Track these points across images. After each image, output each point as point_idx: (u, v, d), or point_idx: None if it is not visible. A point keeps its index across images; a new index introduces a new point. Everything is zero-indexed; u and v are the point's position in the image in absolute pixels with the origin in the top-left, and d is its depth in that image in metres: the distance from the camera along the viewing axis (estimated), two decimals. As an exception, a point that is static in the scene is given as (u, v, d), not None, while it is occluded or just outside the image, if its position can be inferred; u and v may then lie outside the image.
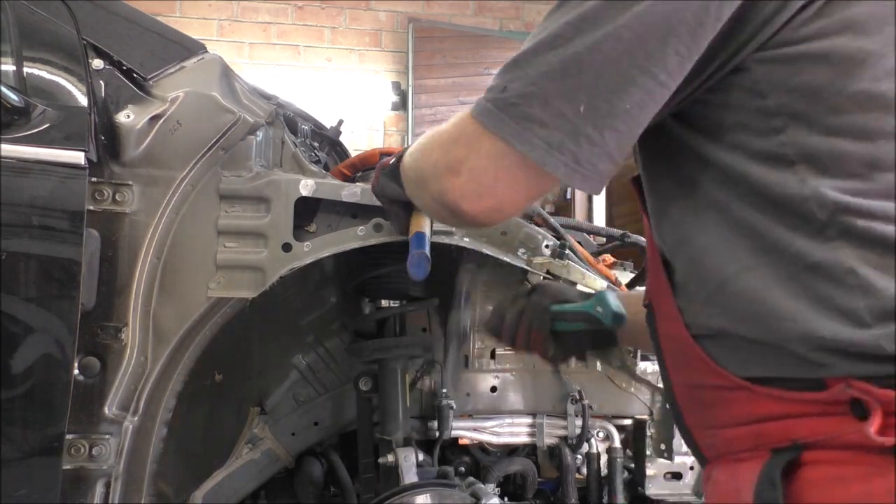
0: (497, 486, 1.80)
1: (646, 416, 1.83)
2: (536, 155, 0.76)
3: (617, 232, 1.90)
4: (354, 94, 5.85)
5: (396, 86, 5.92)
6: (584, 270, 1.56)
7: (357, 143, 5.50)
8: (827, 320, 0.68)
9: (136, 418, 1.37)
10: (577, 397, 1.82)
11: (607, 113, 0.75)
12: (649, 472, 1.81)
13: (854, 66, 0.70)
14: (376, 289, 1.72)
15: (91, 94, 1.33)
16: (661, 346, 0.90)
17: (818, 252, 0.70)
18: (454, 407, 1.83)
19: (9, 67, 1.31)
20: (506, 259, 1.51)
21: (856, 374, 0.65)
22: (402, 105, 5.93)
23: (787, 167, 0.72)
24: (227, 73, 1.45)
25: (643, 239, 1.89)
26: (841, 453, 0.67)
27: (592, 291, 1.50)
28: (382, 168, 1.19)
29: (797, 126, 0.72)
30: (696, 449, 0.88)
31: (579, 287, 1.51)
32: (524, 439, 1.88)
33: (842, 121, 0.70)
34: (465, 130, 0.84)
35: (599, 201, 9.00)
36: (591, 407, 1.83)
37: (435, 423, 1.83)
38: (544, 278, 1.47)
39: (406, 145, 5.88)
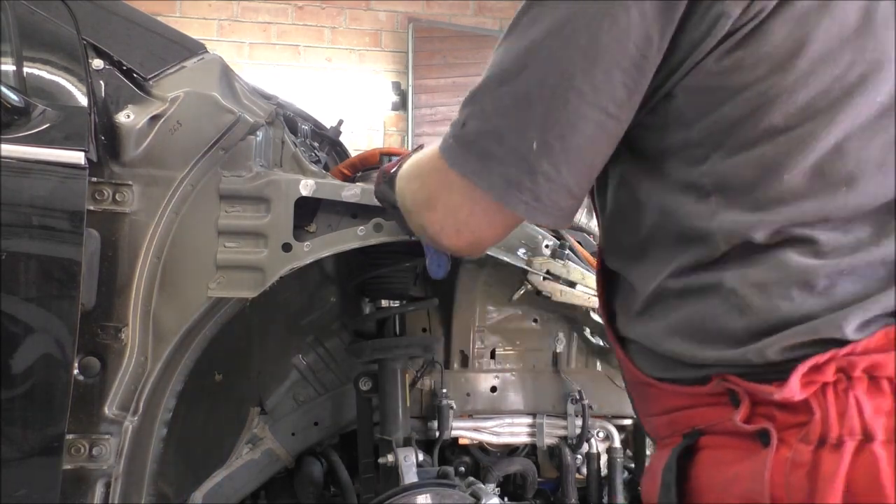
0: (497, 486, 1.80)
1: (646, 416, 1.83)
2: (496, 194, 0.78)
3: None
4: (354, 94, 5.85)
5: (396, 86, 5.92)
6: (584, 270, 1.56)
7: (357, 143, 5.51)
8: (707, 347, 0.75)
9: (136, 418, 1.37)
10: (577, 397, 1.82)
11: (561, 149, 0.75)
12: (649, 472, 1.80)
13: (766, 102, 0.71)
14: (376, 289, 1.72)
15: (91, 94, 1.33)
16: (613, 346, 0.97)
17: (712, 277, 0.75)
18: (454, 407, 1.83)
19: (9, 67, 1.31)
20: (506, 258, 1.51)
21: (732, 372, 0.74)
22: (402, 105, 5.94)
23: (704, 198, 0.76)
24: (227, 73, 1.45)
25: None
26: (723, 438, 0.76)
27: (594, 292, 1.51)
28: (384, 174, 1.20)
29: (715, 157, 0.75)
30: (648, 435, 0.98)
31: (579, 287, 1.51)
32: (524, 439, 1.88)
33: (752, 154, 0.73)
34: (435, 165, 0.86)
35: (599, 201, 9.02)
36: (591, 407, 1.83)
37: (435, 423, 1.83)
38: (544, 278, 1.47)
39: (406, 147, 5.89)
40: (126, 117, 1.35)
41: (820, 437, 0.67)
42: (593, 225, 1.67)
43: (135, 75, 1.38)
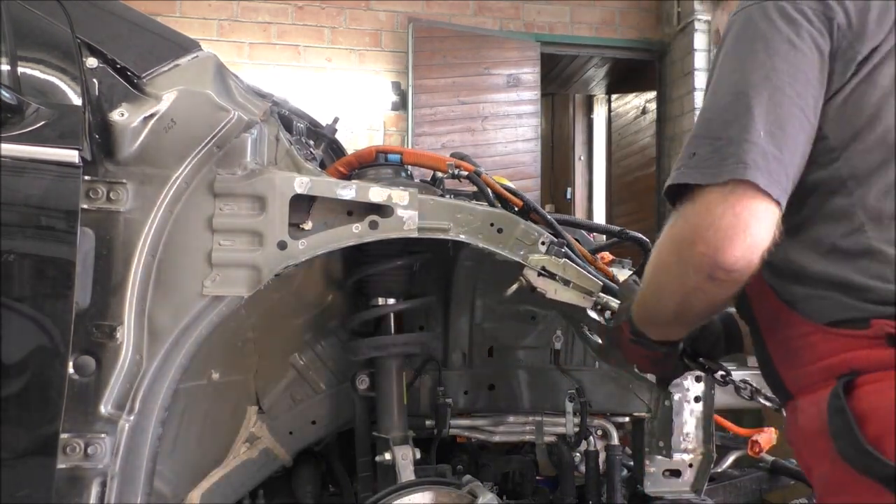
0: (495, 485, 1.79)
1: (644, 414, 1.83)
2: (747, 174, 0.96)
3: (615, 228, 1.90)
4: (354, 94, 5.85)
5: (396, 86, 5.92)
6: (581, 270, 1.55)
7: (357, 142, 5.50)
8: (869, 281, 0.98)
9: (131, 417, 1.36)
10: (576, 395, 1.81)
11: (782, 135, 0.99)
12: (648, 469, 1.80)
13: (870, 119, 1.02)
14: (373, 286, 1.72)
15: (85, 92, 1.33)
16: (756, 317, 1.16)
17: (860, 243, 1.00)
18: (452, 405, 1.83)
19: (3, 66, 1.30)
20: (503, 255, 1.50)
21: (889, 316, 0.94)
22: (402, 105, 5.93)
23: (841, 186, 1.02)
24: (221, 71, 1.45)
25: (641, 236, 1.89)
26: (880, 374, 0.94)
27: (589, 292, 1.50)
28: (619, 340, 1.34)
29: (844, 157, 1.02)
30: (782, 387, 1.13)
31: (573, 286, 1.50)
32: (522, 437, 1.87)
33: (870, 157, 1.02)
34: (676, 215, 1.05)
35: (600, 201, 9.00)
36: (589, 405, 1.82)
37: (433, 421, 1.83)
38: (539, 275, 1.46)
39: (407, 146, 5.88)
40: (120, 115, 1.35)
41: None
42: None
43: (129, 73, 1.38)
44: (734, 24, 1.09)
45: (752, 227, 0.97)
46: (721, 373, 1.34)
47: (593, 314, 1.57)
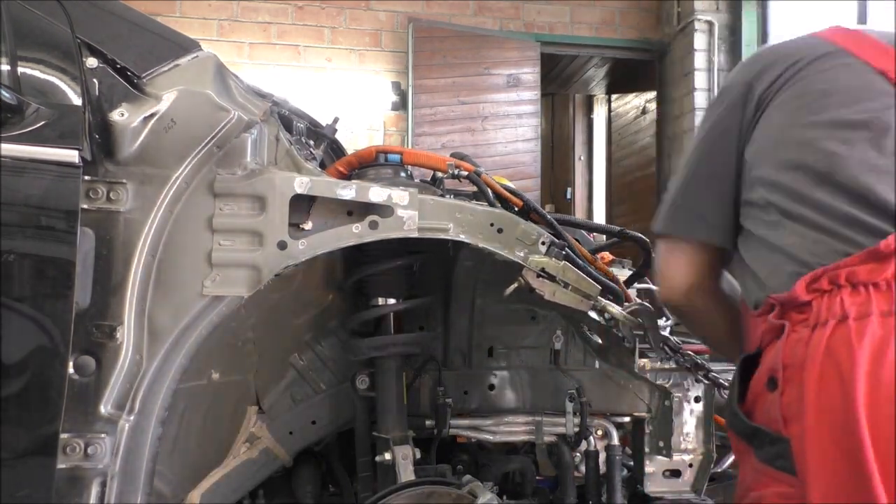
0: (495, 485, 1.79)
1: (644, 414, 1.82)
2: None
3: (615, 228, 1.90)
4: (354, 94, 5.86)
5: (396, 86, 5.93)
6: (580, 273, 1.55)
7: (357, 142, 5.51)
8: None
9: (131, 417, 1.36)
10: (576, 395, 1.81)
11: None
12: (648, 469, 1.80)
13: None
14: (373, 286, 1.72)
15: (85, 92, 1.32)
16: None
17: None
18: (452, 405, 1.82)
19: (3, 66, 1.30)
20: (503, 255, 1.50)
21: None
22: (402, 105, 5.94)
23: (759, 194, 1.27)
24: (221, 71, 1.44)
25: (641, 236, 1.89)
26: (770, 345, 1.10)
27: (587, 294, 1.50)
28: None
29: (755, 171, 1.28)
30: None
31: (572, 287, 1.51)
32: (522, 437, 1.87)
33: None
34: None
35: (600, 201, 9.00)
36: (589, 405, 1.82)
37: (433, 421, 1.82)
38: (538, 276, 1.46)
39: (407, 146, 5.89)
40: (120, 115, 1.34)
41: (814, 322, 1.03)
42: None
43: (129, 73, 1.38)
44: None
45: (667, 270, 1.35)
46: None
47: (593, 314, 1.57)
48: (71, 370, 1.30)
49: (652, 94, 6.94)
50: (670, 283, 1.34)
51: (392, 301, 1.72)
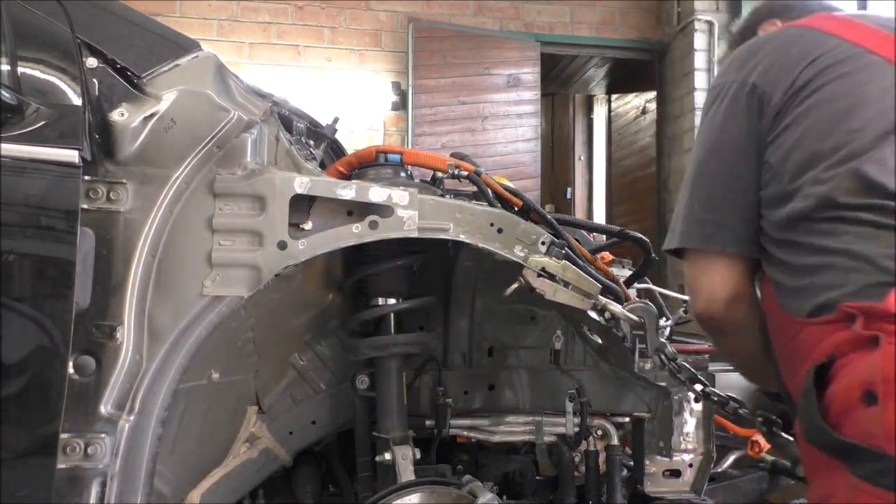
0: (495, 485, 1.79)
1: (644, 414, 1.82)
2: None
3: (615, 228, 1.90)
4: (354, 94, 5.85)
5: (396, 86, 5.93)
6: (580, 272, 1.55)
7: (358, 142, 5.51)
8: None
9: (131, 417, 1.36)
10: (576, 395, 1.81)
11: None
12: (648, 469, 1.80)
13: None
14: (373, 286, 1.72)
15: (85, 92, 1.32)
16: (771, 339, 1.28)
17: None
18: (452, 405, 1.82)
19: (3, 66, 1.30)
20: (503, 255, 1.50)
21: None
22: (402, 105, 5.94)
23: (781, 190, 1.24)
24: (221, 71, 1.44)
25: (641, 236, 1.89)
26: (852, 355, 1.02)
27: (587, 294, 1.50)
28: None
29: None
30: (793, 404, 1.19)
31: (573, 288, 1.50)
32: (522, 437, 1.87)
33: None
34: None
35: (600, 201, 9.00)
36: (589, 404, 1.82)
37: (433, 421, 1.82)
38: (539, 276, 1.46)
39: (407, 146, 5.89)
40: (120, 115, 1.34)
41: None
42: None
43: (129, 73, 1.38)
44: (707, 97, 1.36)
45: (703, 284, 1.28)
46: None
47: (593, 314, 1.57)
48: (71, 370, 1.30)
49: (652, 94, 6.94)
50: (709, 297, 1.28)
51: (392, 301, 1.72)
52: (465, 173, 1.68)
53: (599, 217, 8.69)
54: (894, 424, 0.92)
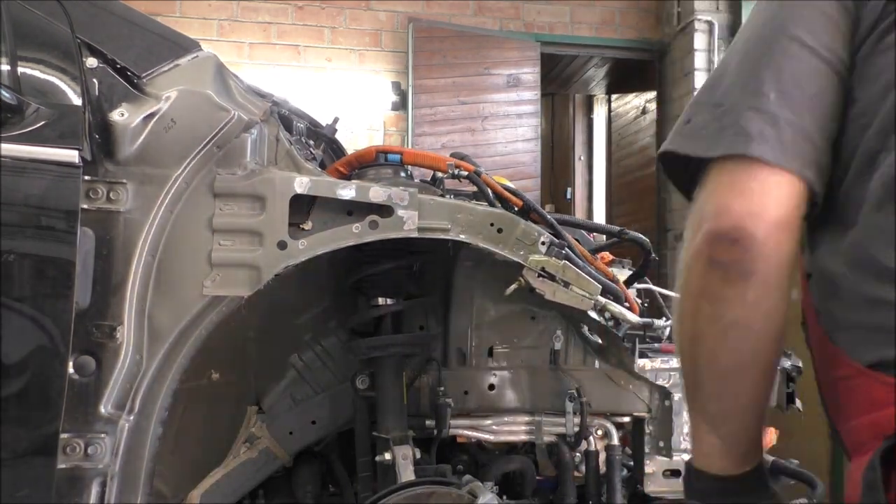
0: (495, 485, 1.79)
1: (644, 414, 1.82)
2: (747, 149, 0.80)
3: (615, 228, 1.90)
4: (354, 94, 5.85)
5: (396, 86, 5.92)
6: (580, 272, 1.55)
7: (357, 143, 5.50)
8: None
9: (131, 417, 1.37)
10: (576, 395, 1.81)
11: (800, 96, 0.82)
12: (648, 469, 1.80)
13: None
14: (373, 286, 1.72)
15: (85, 92, 1.33)
16: (810, 348, 0.92)
17: None
18: (452, 405, 1.82)
19: (3, 66, 1.30)
20: (503, 255, 1.50)
21: None
22: (402, 105, 5.93)
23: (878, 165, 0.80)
24: (221, 71, 1.45)
25: (641, 236, 1.89)
26: None
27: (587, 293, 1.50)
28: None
29: (876, 125, 0.81)
30: (840, 442, 0.88)
31: (573, 288, 1.50)
32: (522, 437, 1.87)
33: None
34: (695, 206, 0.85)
35: (600, 201, 9.00)
36: (589, 405, 1.82)
37: (433, 421, 1.82)
38: (539, 276, 1.46)
39: (407, 146, 5.87)
40: (120, 115, 1.35)
41: None
42: None
43: (129, 73, 1.38)
44: None
45: (750, 190, 0.80)
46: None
47: (593, 314, 1.57)
48: (71, 370, 1.30)
49: (652, 94, 6.93)
50: (753, 209, 0.79)
51: (392, 301, 1.72)
52: (465, 173, 1.68)
53: (599, 217, 8.68)
54: None
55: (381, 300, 1.72)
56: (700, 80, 5.90)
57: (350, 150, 2.17)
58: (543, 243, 1.51)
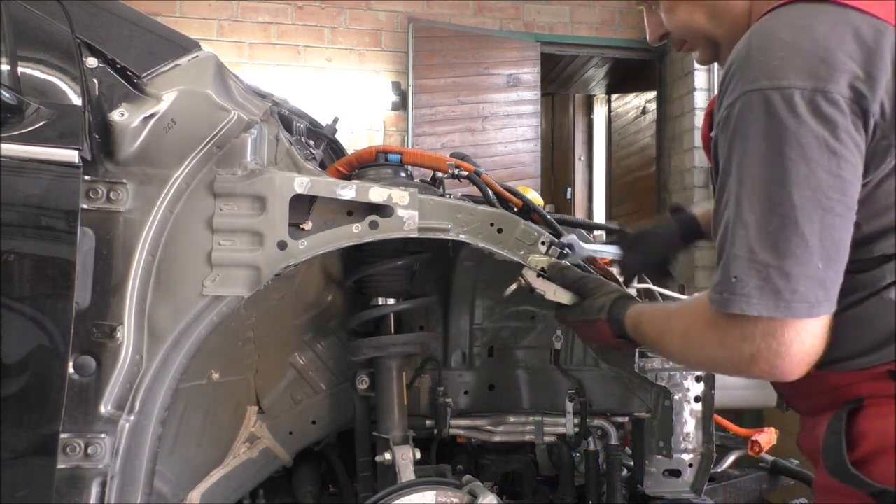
0: (495, 485, 1.80)
1: (644, 414, 1.82)
2: (804, 312, 0.97)
3: (615, 226, 1.90)
4: (354, 94, 5.85)
5: (396, 86, 5.92)
6: (579, 271, 1.55)
7: (357, 143, 5.51)
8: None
9: (131, 417, 1.36)
10: (576, 395, 1.81)
11: (838, 258, 0.99)
12: (648, 469, 1.80)
13: None
14: (373, 287, 1.72)
15: (85, 92, 1.33)
16: None
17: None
18: (452, 405, 1.82)
19: (3, 66, 1.30)
20: (503, 255, 1.50)
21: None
22: (401, 105, 5.94)
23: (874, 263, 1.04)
24: (221, 71, 1.45)
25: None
26: (884, 400, 1.01)
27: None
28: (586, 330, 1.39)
29: (878, 244, 1.03)
30: (785, 401, 1.27)
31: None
32: (522, 437, 1.87)
33: None
34: (727, 323, 1.01)
35: (600, 201, 9.00)
36: (589, 405, 1.82)
37: (433, 421, 1.82)
38: (538, 276, 1.46)
39: (407, 146, 5.87)
40: (120, 115, 1.35)
41: None
42: None
43: (129, 73, 1.38)
44: (749, 112, 0.98)
45: (811, 346, 0.99)
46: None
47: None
48: (71, 370, 1.30)
49: (652, 94, 6.93)
50: (804, 361, 1.00)
51: (392, 301, 1.72)
52: (465, 173, 1.68)
53: (599, 217, 8.68)
54: None
55: (381, 300, 1.72)
56: (700, 80, 5.90)
57: (350, 150, 2.17)
58: (543, 243, 1.51)
